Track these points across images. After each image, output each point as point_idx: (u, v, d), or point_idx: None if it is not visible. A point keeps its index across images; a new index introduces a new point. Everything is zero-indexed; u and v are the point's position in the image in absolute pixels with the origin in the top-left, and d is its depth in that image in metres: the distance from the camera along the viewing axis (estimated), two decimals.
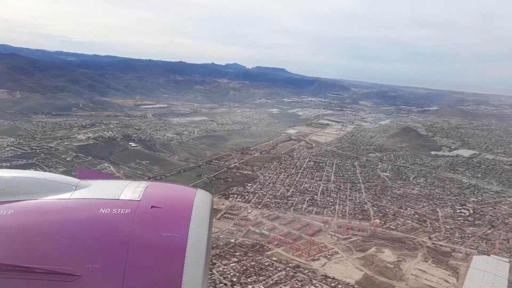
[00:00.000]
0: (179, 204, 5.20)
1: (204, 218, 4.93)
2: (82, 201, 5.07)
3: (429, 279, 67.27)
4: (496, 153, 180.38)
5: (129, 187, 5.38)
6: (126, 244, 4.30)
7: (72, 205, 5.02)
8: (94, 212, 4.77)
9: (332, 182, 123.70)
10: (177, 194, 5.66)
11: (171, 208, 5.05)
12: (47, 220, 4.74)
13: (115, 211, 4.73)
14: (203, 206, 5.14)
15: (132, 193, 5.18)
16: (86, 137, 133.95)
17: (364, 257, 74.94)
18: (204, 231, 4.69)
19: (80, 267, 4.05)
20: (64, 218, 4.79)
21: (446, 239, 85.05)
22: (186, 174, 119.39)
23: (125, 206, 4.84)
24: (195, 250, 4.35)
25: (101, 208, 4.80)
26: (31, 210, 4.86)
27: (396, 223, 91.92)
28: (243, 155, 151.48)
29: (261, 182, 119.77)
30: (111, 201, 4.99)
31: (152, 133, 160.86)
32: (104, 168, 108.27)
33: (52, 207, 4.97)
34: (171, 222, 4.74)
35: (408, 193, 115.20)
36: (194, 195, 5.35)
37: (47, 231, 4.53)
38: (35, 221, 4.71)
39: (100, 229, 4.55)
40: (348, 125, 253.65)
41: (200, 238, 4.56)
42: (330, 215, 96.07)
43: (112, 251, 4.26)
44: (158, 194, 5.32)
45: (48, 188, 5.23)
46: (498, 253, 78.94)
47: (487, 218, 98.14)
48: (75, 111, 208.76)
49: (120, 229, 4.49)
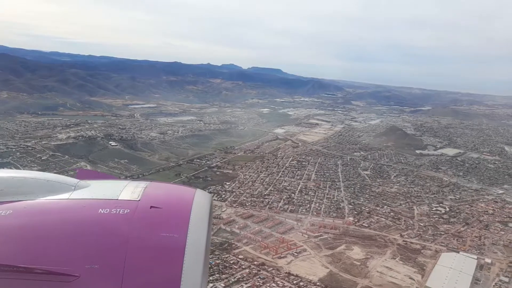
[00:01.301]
0: (178, 204, 5.19)
1: (203, 218, 4.92)
2: (81, 201, 5.05)
3: (394, 276, 67.07)
4: (481, 152, 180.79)
5: (128, 187, 5.37)
6: (125, 244, 4.30)
7: (71, 205, 5.01)
8: (93, 212, 4.76)
9: (312, 181, 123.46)
10: (176, 194, 5.67)
11: (170, 208, 5.04)
12: (46, 221, 4.71)
13: (114, 211, 4.72)
14: (202, 206, 5.13)
15: (131, 193, 5.17)
16: (67, 136, 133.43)
17: (332, 254, 74.72)
18: (203, 232, 4.68)
19: (79, 267, 4.04)
20: (63, 218, 4.77)
21: (418, 237, 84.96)
22: (165, 173, 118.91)
23: (124, 206, 4.83)
24: (194, 250, 4.35)
25: (100, 208, 4.78)
26: (30, 210, 4.84)
27: (370, 221, 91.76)
28: (226, 154, 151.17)
29: (241, 181, 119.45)
30: (110, 201, 4.97)
31: (135, 133, 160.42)
32: (80, 167, 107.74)
33: (51, 207, 4.95)
34: (170, 223, 4.73)
35: (386, 191, 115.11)
36: (193, 195, 5.34)
37: (46, 232, 4.50)
38: (34, 221, 4.69)
39: (99, 229, 4.54)
40: (337, 124, 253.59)
41: (199, 239, 4.55)
42: (305, 213, 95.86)
43: (111, 251, 4.26)
44: (157, 194, 5.31)
45: (47, 188, 5.22)
46: (468, 250, 78.95)
47: (462, 216, 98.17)
48: (62, 111, 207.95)
49: (119, 229, 4.50)
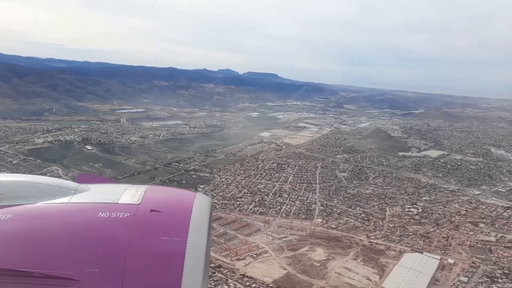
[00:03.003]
0: (178, 208, 5.15)
1: (204, 222, 4.88)
2: (81, 205, 5.02)
3: (351, 277, 66.15)
4: (465, 153, 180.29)
5: (128, 191, 5.34)
6: (125, 248, 4.27)
7: (71, 209, 4.98)
8: (93, 216, 4.73)
9: (289, 183, 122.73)
10: (176, 198, 5.63)
11: (170, 212, 5.01)
12: (46, 225, 4.70)
13: (114, 215, 4.70)
14: (202, 210, 5.10)
15: (131, 197, 5.14)
16: (43, 141, 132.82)
17: (293, 256, 73.83)
18: (203, 236, 4.66)
19: (78, 271, 4.00)
20: (63, 222, 4.75)
21: (384, 238, 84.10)
22: (140, 176, 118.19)
23: (124, 210, 4.81)
24: (194, 254, 4.33)
25: (100, 212, 4.76)
26: (30, 214, 4.81)
27: (338, 222, 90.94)
28: (206, 157, 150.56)
29: (216, 183, 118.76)
30: (110, 205, 4.94)
31: (117, 137, 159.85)
32: (51, 171, 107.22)
33: (51, 211, 4.93)
34: (170, 226, 4.71)
35: (361, 192, 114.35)
36: (193, 199, 5.30)
37: (46, 236, 4.49)
38: (34, 225, 4.67)
39: (99, 233, 4.52)
40: (325, 127, 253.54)
41: (200, 243, 4.52)
42: (274, 215, 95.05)
43: (111, 255, 4.23)
44: (157, 198, 5.28)
45: (47, 192, 5.19)
46: (433, 250, 78.09)
47: (434, 217, 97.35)
48: (47, 116, 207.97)
49: (119, 233, 4.47)
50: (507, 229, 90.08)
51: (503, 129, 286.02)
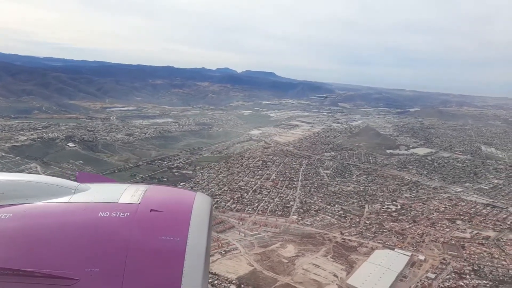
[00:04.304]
0: (179, 207, 5.15)
1: (204, 221, 4.87)
2: (81, 205, 5.02)
3: (317, 274, 65.67)
4: (454, 151, 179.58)
5: (128, 190, 5.35)
6: (125, 248, 4.25)
7: (71, 208, 4.97)
8: (93, 215, 4.72)
9: (271, 181, 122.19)
10: (176, 198, 5.63)
11: (171, 211, 5.00)
12: (46, 224, 4.69)
13: (114, 215, 4.69)
14: (202, 209, 5.09)
15: (131, 196, 5.14)
16: (26, 138, 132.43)
17: (263, 252, 73.39)
18: (203, 235, 4.64)
19: (79, 271, 4.00)
20: (63, 221, 4.74)
21: (359, 234, 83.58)
22: (121, 174, 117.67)
23: (124, 209, 4.80)
24: (194, 254, 4.31)
25: (100, 211, 4.75)
26: (30, 213, 4.80)
27: (314, 219, 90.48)
28: (191, 155, 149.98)
29: (197, 181, 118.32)
30: (110, 205, 4.94)
31: (103, 134, 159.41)
32: (30, 168, 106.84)
33: (51, 210, 4.93)
34: (170, 226, 4.69)
35: (342, 190, 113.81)
36: (193, 198, 5.31)
37: (46, 235, 4.48)
38: (34, 224, 4.66)
39: (99, 233, 4.50)
40: (317, 126, 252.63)
41: (200, 242, 4.51)
42: (251, 212, 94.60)
43: (111, 255, 4.22)
44: (157, 198, 5.27)
45: (47, 191, 5.20)
46: (405, 247, 77.56)
47: (412, 214, 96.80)
48: (36, 114, 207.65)
49: (119, 233, 4.46)
50: (483, 226, 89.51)
51: (497, 127, 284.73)
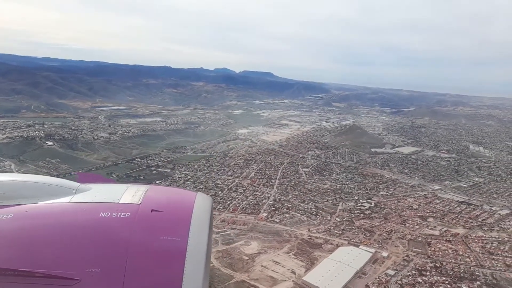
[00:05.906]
0: (179, 207, 5.14)
1: (204, 221, 4.85)
2: (82, 205, 5.00)
3: (275, 271, 65.09)
4: (440, 150, 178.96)
5: (129, 190, 5.33)
6: (126, 248, 4.25)
7: (72, 209, 4.95)
8: (94, 215, 4.70)
9: (249, 179, 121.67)
10: (177, 198, 5.62)
11: (171, 211, 5.00)
12: (47, 224, 4.66)
13: (115, 215, 4.66)
14: (203, 209, 5.07)
15: (132, 196, 5.13)
16: (5, 137, 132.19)
17: (225, 250, 72.82)
18: (204, 235, 4.63)
19: (79, 271, 3.99)
20: (64, 222, 4.71)
21: (326, 232, 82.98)
22: (97, 172, 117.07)
23: (125, 209, 4.78)
24: (195, 254, 4.30)
25: (101, 211, 4.74)
26: (31, 214, 4.79)
27: (283, 217, 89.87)
28: (173, 154, 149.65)
29: (174, 179, 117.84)
30: (111, 205, 4.92)
31: (86, 133, 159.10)
32: (3, 166, 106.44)
33: (52, 211, 4.90)
34: (171, 226, 4.68)
35: (318, 188, 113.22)
36: (194, 198, 5.28)
37: (47, 235, 4.45)
38: (35, 225, 4.64)
39: (100, 233, 4.49)
40: (307, 125, 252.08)
41: (200, 242, 4.48)
42: (221, 210, 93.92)
43: (112, 255, 4.22)
44: (158, 198, 5.25)
45: (48, 192, 5.18)
46: (370, 244, 76.97)
47: (384, 211, 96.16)
48: (24, 113, 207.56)
49: (120, 233, 4.44)
50: (454, 223, 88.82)
51: (489, 126, 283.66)
